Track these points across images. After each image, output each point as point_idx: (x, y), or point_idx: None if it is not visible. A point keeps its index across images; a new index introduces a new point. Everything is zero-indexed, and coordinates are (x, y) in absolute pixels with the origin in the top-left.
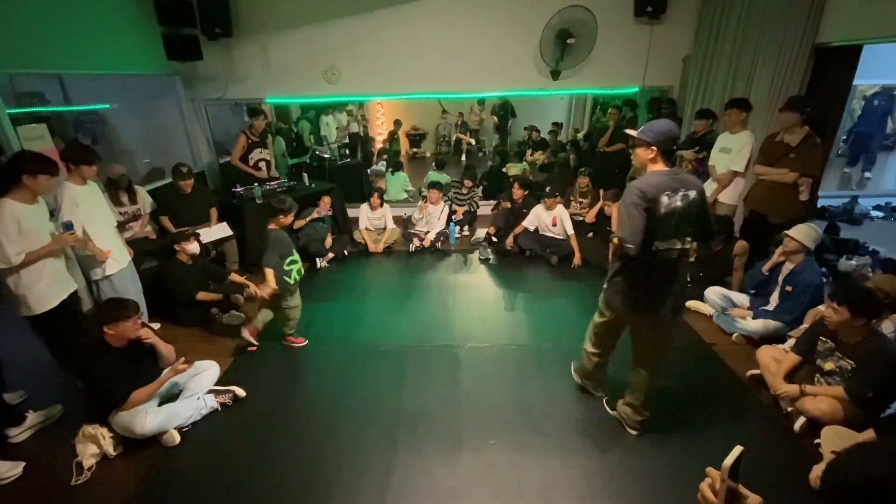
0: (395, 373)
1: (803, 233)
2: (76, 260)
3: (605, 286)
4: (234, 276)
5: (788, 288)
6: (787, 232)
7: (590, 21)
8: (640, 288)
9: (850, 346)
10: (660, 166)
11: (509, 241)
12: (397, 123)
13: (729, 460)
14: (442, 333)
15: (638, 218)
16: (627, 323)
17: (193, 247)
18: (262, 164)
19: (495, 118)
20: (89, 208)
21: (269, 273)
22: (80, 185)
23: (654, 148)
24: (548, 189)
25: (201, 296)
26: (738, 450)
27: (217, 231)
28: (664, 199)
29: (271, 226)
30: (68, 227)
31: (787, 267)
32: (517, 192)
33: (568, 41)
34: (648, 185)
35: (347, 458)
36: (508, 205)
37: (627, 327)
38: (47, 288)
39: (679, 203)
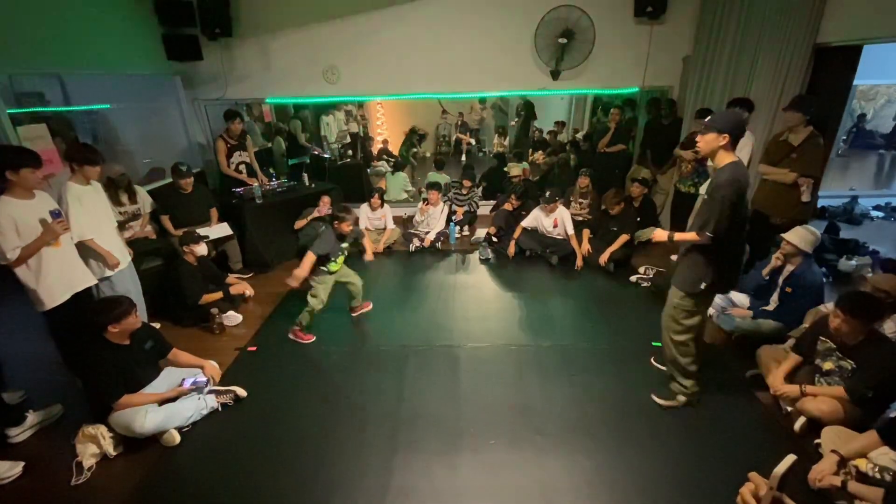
0: (395, 373)
1: (799, 236)
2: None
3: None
4: (231, 278)
5: (788, 290)
6: (782, 235)
7: (585, 22)
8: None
9: (850, 346)
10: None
11: (510, 249)
12: (413, 132)
13: (781, 469)
14: (442, 333)
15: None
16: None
17: (201, 248)
18: (242, 168)
19: (514, 120)
20: (93, 209)
21: (308, 257)
22: (84, 185)
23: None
24: (547, 194)
25: (205, 299)
26: (790, 459)
27: (217, 230)
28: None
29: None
30: (56, 214)
31: (787, 269)
32: (514, 202)
33: (560, 40)
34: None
35: (347, 458)
36: (510, 206)
37: None
38: (55, 283)
39: None
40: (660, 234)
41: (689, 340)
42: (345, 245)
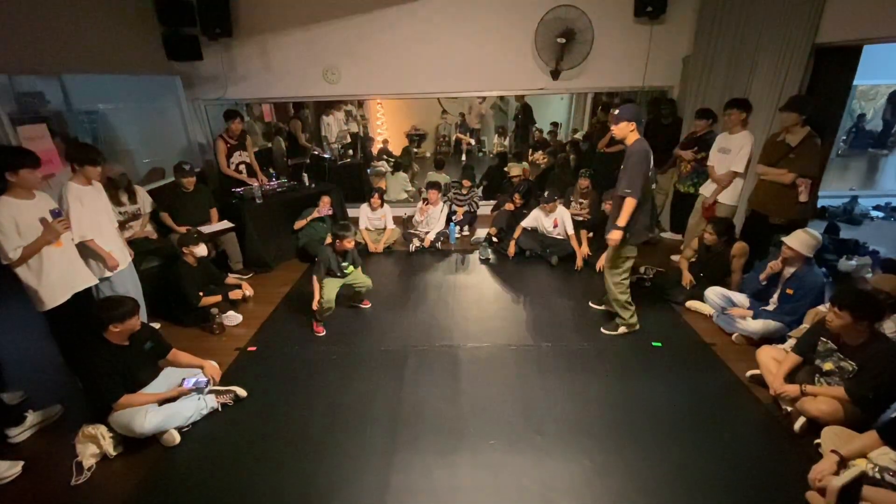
0: (395, 373)
1: (801, 241)
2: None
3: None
4: (230, 279)
5: (789, 291)
6: (783, 239)
7: (584, 22)
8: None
9: (851, 347)
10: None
11: (510, 250)
12: (411, 140)
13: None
14: (442, 333)
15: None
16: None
17: (201, 249)
18: (242, 168)
19: (514, 120)
20: (94, 209)
21: (314, 283)
22: (85, 185)
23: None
24: (546, 194)
25: (204, 301)
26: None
27: (217, 226)
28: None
29: (328, 243)
30: (56, 213)
31: (788, 271)
32: (518, 201)
33: (559, 40)
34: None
35: (347, 457)
36: (511, 206)
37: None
38: (56, 283)
39: None
40: (614, 236)
41: (624, 280)
42: (346, 265)
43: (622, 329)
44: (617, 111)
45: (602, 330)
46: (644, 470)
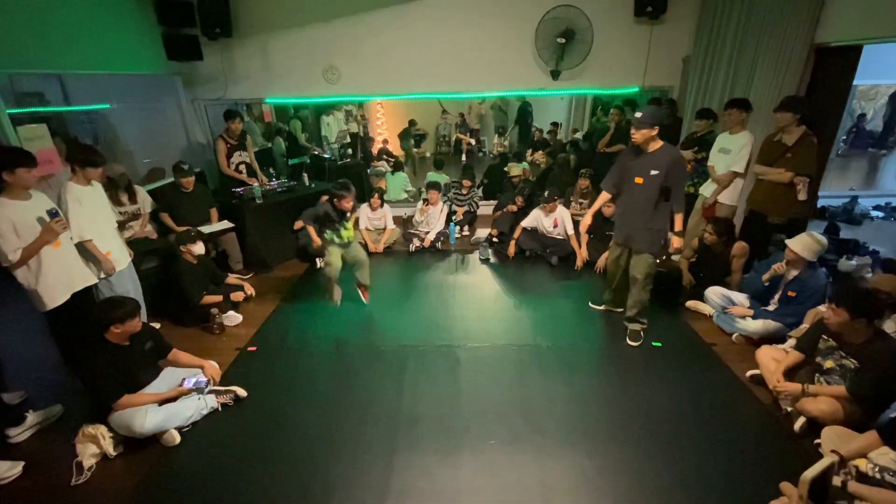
0: (394, 373)
1: (804, 245)
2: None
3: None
4: (231, 279)
5: (791, 294)
6: (787, 242)
7: (584, 22)
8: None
9: (853, 346)
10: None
11: (510, 250)
12: (412, 123)
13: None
14: (442, 333)
15: None
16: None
17: (199, 247)
18: (242, 168)
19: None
20: (93, 209)
21: (310, 230)
22: (84, 186)
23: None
24: (546, 194)
25: (206, 300)
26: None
27: (217, 225)
28: None
29: (325, 199)
30: (53, 214)
31: (791, 273)
32: (520, 202)
33: (559, 40)
34: None
35: (347, 458)
36: (514, 208)
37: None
38: (55, 283)
39: None
40: (676, 242)
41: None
42: (347, 227)
43: (642, 333)
44: (639, 114)
45: (629, 343)
46: (644, 470)
